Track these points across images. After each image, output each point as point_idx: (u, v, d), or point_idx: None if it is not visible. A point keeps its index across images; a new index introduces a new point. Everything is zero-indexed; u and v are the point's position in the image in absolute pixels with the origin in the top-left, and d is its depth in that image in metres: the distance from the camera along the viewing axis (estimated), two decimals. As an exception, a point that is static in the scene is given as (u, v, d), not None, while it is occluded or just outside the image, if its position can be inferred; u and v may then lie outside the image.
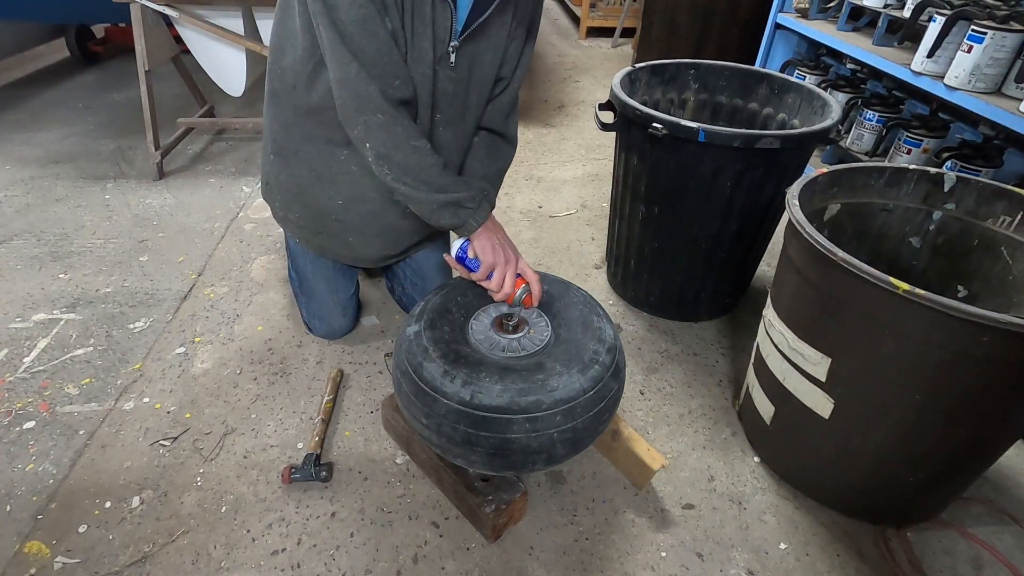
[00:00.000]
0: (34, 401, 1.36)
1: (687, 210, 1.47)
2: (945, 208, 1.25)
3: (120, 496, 1.17)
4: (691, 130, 1.31)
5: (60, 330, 1.56)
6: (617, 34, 4.42)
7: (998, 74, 1.59)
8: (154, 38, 2.16)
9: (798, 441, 1.19)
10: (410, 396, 1.02)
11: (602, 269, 1.92)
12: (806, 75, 2.45)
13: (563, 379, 0.98)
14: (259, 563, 1.07)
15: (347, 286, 1.54)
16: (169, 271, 1.80)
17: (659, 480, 1.24)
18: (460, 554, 1.10)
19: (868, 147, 2.14)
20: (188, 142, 2.60)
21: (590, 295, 1.21)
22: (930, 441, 1.03)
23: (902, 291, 0.87)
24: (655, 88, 1.73)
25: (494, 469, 1.03)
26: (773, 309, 1.18)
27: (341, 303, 1.52)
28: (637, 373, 1.52)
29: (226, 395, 1.40)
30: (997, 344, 0.86)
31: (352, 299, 1.56)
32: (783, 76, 1.66)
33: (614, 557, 1.11)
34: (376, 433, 1.32)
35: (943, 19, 1.65)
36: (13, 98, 3.01)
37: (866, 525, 1.18)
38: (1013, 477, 1.29)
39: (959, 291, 1.28)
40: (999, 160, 1.73)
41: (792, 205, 1.08)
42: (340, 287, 1.52)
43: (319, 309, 1.53)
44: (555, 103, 3.28)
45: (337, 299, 1.52)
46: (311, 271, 1.49)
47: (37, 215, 2.04)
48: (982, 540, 1.16)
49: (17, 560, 1.05)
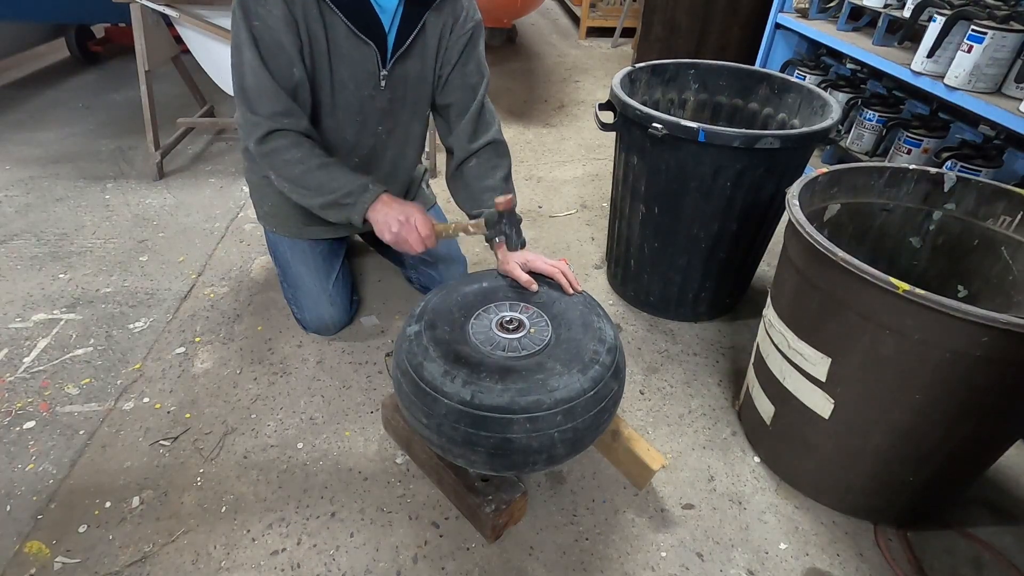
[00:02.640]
0: (34, 401, 1.36)
1: (687, 210, 1.47)
2: (945, 208, 1.25)
3: (120, 496, 1.17)
4: (691, 130, 1.31)
5: (60, 330, 1.56)
6: (617, 34, 4.42)
7: (998, 74, 1.59)
8: (154, 38, 2.16)
9: (798, 441, 1.19)
10: (410, 396, 1.02)
11: (602, 269, 1.92)
12: (806, 75, 2.45)
13: (563, 379, 0.98)
14: (259, 563, 1.07)
15: (329, 272, 1.55)
16: (169, 271, 1.80)
17: (659, 480, 1.24)
18: (460, 554, 1.10)
19: (868, 147, 2.14)
20: (188, 142, 2.60)
21: (590, 295, 1.21)
22: (930, 441, 1.03)
23: (902, 291, 0.87)
24: (655, 88, 1.73)
25: (494, 469, 1.03)
26: (773, 309, 1.18)
27: (326, 290, 1.53)
28: (637, 373, 1.52)
29: (226, 395, 1.40)
30: (997, 344, 0.86)
31: (338, 287, 1.56)
32: (783, 76, 1.66)
33: (614, 557, 1.11)
34: (376, 433, 1.32)
35: (943, 19, 1.65)
36: (13, 98, 3.01)
37: (866, 525, 1.18)
38: (1013, 477, 1.29)
39: (959, 291, 1.28)
40: (999, 160, 1.73)
41: (792, 205, 1.08)
42: (322, 272, 1.53)
43: (305, 299, 1.53)
44: (555, 103, 3.28)
45: (321, 285, 1.52)
46: (291, 257, 1.52)
47: (37, 215, 2.04)
48: (983, 540, 1.16)
49: (17, 560, 1.05)
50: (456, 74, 1.34)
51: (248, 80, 1.16)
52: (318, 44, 1.19)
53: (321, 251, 1.53)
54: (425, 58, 1.31)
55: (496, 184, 1.34)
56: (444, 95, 1.37)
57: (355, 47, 1.22)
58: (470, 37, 1.32)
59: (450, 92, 1.36)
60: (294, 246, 1.51)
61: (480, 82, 1.36)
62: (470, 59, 1.34)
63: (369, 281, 1.80)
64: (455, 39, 1.31)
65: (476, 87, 1.36)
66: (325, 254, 1.55)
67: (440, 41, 1.30)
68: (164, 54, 2.28)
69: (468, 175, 1.36)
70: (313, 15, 1.15)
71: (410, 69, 1.30)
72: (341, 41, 1.20)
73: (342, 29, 1.18)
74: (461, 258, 1.64)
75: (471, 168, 1.37)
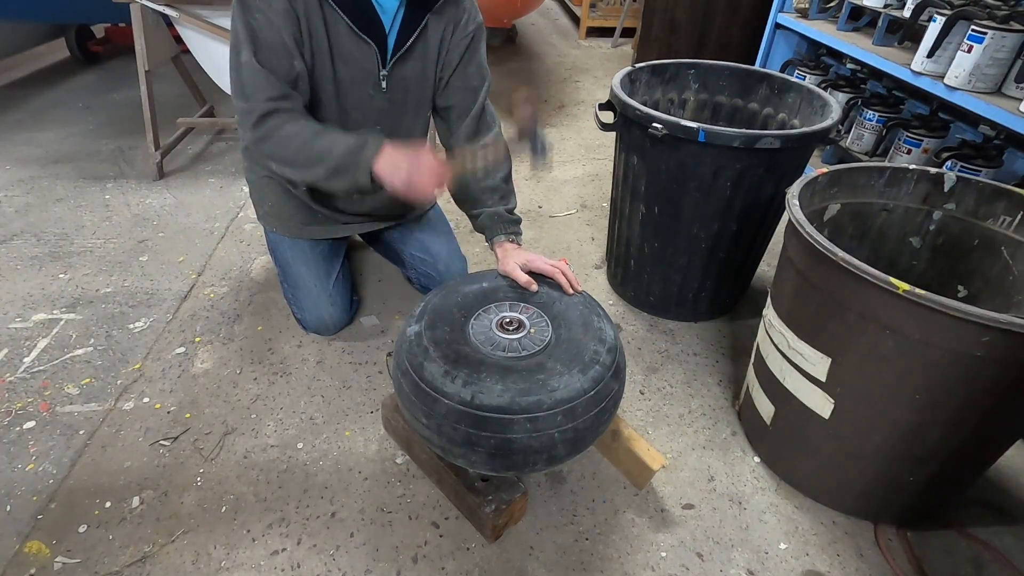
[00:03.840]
0: (34, 401, 1.36)
1: (687, 210, 1.47)
2: (945, 208, 1.25)
3: (120, 496, 1.17)
4: (691, 130, 1.31)
5: (60, 330, 1.56)
6: (617, 34, 4.42)
7: (998, 74, 1.59)
8: (154, 38, 2.16)
9: (798, 441, 1.19)
10: (411, 396, 1.02)
11: (602, 269, 1.92)
12: (806, 75, 2.45)
13: (564, 379, 0.98)
14: (259, 563, 1.07)
15: (329, 271, 1.55)
16: (169, 271, 1.80)
17: (659, 480, 1.24)
18: (460, 554, 1.10)
19: (868, 147, 2.14)
20: (188, 142, 2.60)
21: (590, 295, 1.21)
22: (930, 441, 1.03)
23: (902, 291, 0.87)
24: (655, 88, 1.73)
25: (495, 469, 1.03)
26: (773, 309, 1.18)
27: (326, 290, 1.53)
28: (637, 373, 1.52)
29: (226, 395, 1.40)
30: (997, 344, 0.86)
31: (338, 287, 1.57)
32: (783, 76, 1.66)
33: (614, 557, 1.11)
34: (376, 433, 1.32)
35: (943, 19, 1.65)
36: (13, 98, 3.01)
37: (866, 525, 1.18)
38: (1013, 477, 1.29)
39: (959, 291, 1.28)
40: (999, 160, 1.73)
41: (792, 205, 1.08)
42: (322, 272, 1.53)
43: (306, 299, 1.53)
44: (555, 103, 3.28)
45: (321, 285, 1.53)
46: (291, 257, 1.52)
47: (37, 215, 2.04)
48: (983, 540, 1.16)
49: (17, 560, 1.05)
50: (457, 77, 1.34)
51: (245, 72, 1.14)
52: (319, 41, 1.18)
53: (321, 251, 1.54)
54: (426, 60, 1.31)
55: (497, 184, 1.34)
56: (445, 97, 1.37)
57: (355, 46, 1.21)
58: (471, 40, 1.32)
59: (451, 94, 1.36)
60: (294, 246, 1.51)
61: (481, 85, 1.36)
62: (471, 62, 1.34)
63: (369, 281, 1.80)
64: (456, 42, 1.31)
65: (477, 90, 1.36)
66: (325, 254, 1.55)
67: (441, 44, 1.30)
68: (164, 54, 2.28)
69: (468, 176, 1.36)
70: (314, 11, 1.15)
71: (410, 71, 1.30)
72: (342, 39, 1.20)
73: (343, 27, 1.18)
74: (461, 258, 1.64)
75: None
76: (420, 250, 1.59)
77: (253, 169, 1.48)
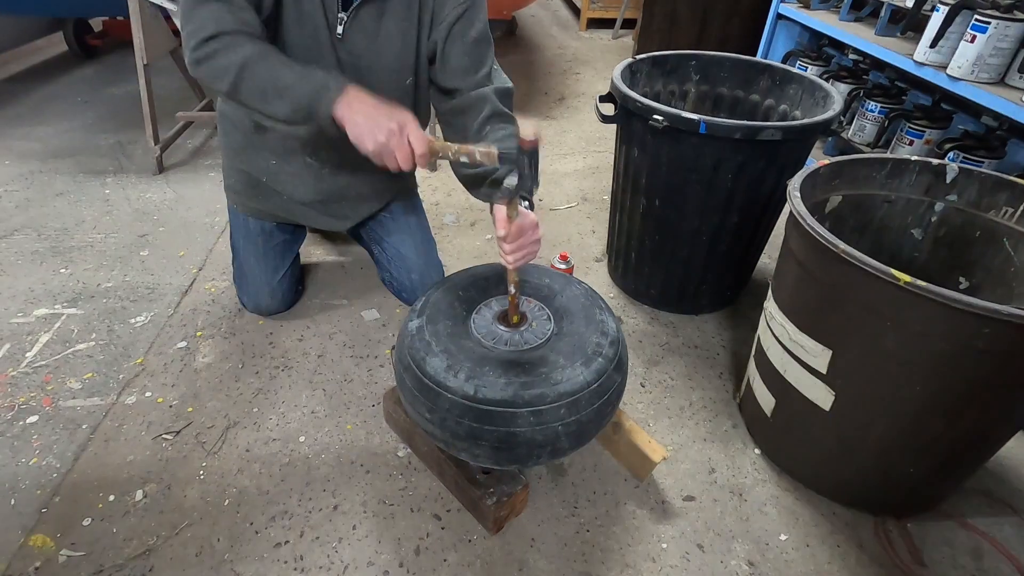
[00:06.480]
0: (37, 396, 1.36)
1: (688, 202, 1.47)
2: (947, 199, 1.25)
3: (124, 490, 1.17)
4: (692, 122, 1.31)
5: (62, 325, 1.56)
6: (618, 25, 4.39)
7: (1001, 64, 1.59)
8: (152, 32, 2.15)
9: (799, 433, 1.19)
10: (413, 391, 1.02)
11: (603, 262, 1.92)
12: (808, 66, 2.44)
13: (567, 372, 0.98)
14: (262, 555, 1.08)
15: (278, 267, 1.56)
16: (170, 265, 1.80)
17: (660, 472, 1.25)
18: (462, 546, 1.10)
19: (870, 138, 2.13)
20: (188, 136, 2.59)
21: (591, 288, 1.21)
22: (930, 432, 1.03)
23: (903, 283, 0.87)
24: (656, 80, 1.72)
25: (498, 463, 1.03)
26: (774, 301, 1.18)
27: (270, 284, 1.55)
28: (638, 366, 1.52)
29: (228, 389, 1.40)
30: (998, 336, 0.85)
31: (283, 283, 1.57)
32: (784, 67, 1.65)
33: (615, 549, 1.11)
34: (378, 426, 1.33)
35: (946, 8, 1.64)
36: (11, 93, 3.00)
37: (866, 516, 1.18)
38: (1013, 468, 1.29)
39: (961, 283, 1.28)
40: (1002, 151, 1.72)
41: (793, 197, 1.08)
42: (271, 267, 1.54)
43: (249, 287, 1.56)
44: (555, 95, 3.27)
45: (266, 279, 1.54)
46: (243, 247, 1.54)
47: (37, 210, 2.04)
48: (982, 531, 1.16)
49: (22, 553, 1.06)
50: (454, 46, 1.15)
51: None
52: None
53: (275, 246, 1.55)
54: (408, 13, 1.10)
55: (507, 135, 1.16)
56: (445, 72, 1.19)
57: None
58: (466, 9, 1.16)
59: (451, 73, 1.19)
60: (248, 235, 1.52)
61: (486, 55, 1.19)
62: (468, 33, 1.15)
63: (371, 275, 1.79)
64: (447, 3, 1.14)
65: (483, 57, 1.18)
66: (279, 249, 1.56)
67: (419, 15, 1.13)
68: (162, 47, 2.27)
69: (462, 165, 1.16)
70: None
71: (383, 25, 1.08)
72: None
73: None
74: (437, 263, 1.61)
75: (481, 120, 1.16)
76: (395, 255, 1.57)
77: (229, 133, 1.42)
